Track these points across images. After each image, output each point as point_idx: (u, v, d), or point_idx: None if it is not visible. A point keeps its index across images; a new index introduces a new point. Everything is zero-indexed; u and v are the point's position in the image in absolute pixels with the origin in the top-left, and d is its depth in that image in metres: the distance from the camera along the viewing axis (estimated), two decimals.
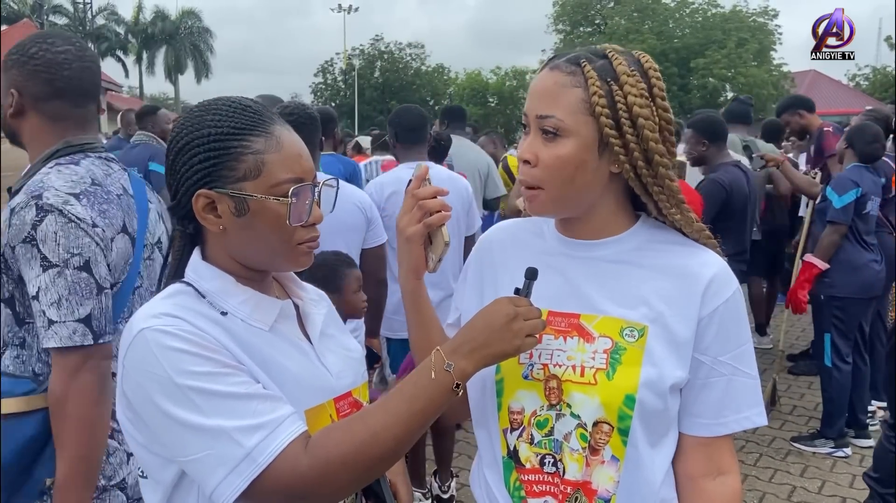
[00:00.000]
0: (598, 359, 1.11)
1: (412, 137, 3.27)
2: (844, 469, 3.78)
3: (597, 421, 1.10)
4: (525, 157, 1.12)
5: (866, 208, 3.84)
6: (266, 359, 1.06)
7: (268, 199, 1.04)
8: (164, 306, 1.04)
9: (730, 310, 1.13)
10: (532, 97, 1.12)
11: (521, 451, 1.16)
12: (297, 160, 1.07)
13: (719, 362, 1.13)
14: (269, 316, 1.11)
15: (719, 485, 1.15)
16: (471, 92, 42.22)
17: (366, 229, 2.86)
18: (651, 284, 1.14)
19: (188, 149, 1.06)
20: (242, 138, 1.05)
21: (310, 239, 1.10)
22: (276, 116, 1.10)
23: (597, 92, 1.07)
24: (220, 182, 1.05)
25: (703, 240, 1.17)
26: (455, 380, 1.01)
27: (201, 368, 0.97)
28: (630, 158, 1.09)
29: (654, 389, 1.09)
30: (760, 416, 1.15)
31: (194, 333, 1.00)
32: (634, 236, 1.18)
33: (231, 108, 1.07)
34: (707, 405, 1.14)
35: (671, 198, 1.13)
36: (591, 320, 1.14)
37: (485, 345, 1.03)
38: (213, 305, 1.07)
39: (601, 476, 1.11)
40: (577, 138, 1.08)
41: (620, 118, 1.07)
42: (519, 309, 1.05)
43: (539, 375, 1.14)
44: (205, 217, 1.07)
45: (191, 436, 0.96)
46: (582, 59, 1.10)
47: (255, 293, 1.11)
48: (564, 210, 1.16)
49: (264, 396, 0.99)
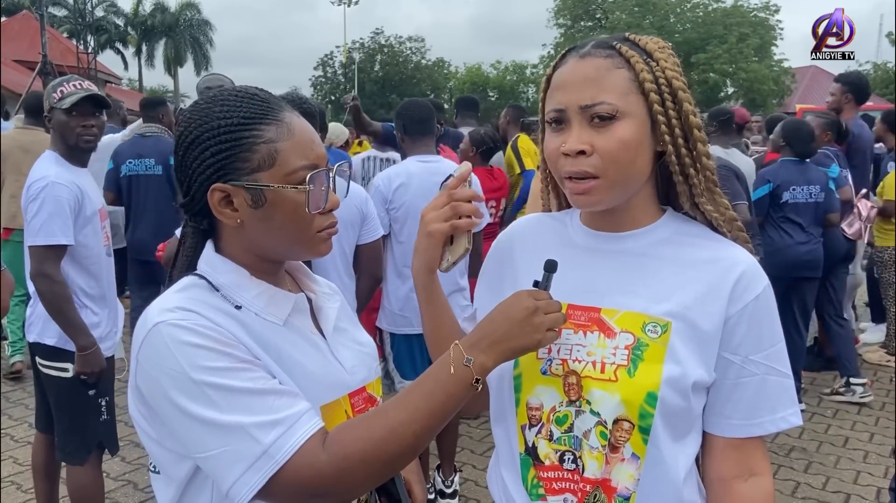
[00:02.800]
0: (619, 355, 1.09)
1: (420, 129, 3.25)
2: (848, 465, 3.77)
3: (617, 418, 1.08)
4: (579, 147, 1.05)
5: (783, 198, 4.35)
6: (281, 353, 1.05)
7: (285, 188, 1.02)
8: (178, 300, 1.02)
9: (760, 307, 1.10)
10: (568, 88, 1.07)
11: (540, 448, 1.14)
12: (310, 146, 1.05)
13: (751, 361, 1.10)
14: (283, 310, 1.09)
15: (751, 486, 1.13)
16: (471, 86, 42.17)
17: (361, 224, 2.84)
18: (676, 279, 1.11)
19: (198, 143, 1.03)
20: (253, 128, 1.02)
21: (328, 225, 1.08)
22: (284, 103, 1.08)
23: (643, 68, 1.05)
24: (235, 175, 1.02)
25: (734, 232, 1.14)
26: (475, 375, 0.99)
27: (217, 363, 0.95)
28: (672, 136, 1.07)
29: (676, 387, 1.06)
30: (796, 416, 1.13)
31: (209, 328, 0.98)
32: (660, 229, 1.15)
33: (238, 97, 1.05)
34: (740, 406, 1.11)
35: (707, 179, 1.11)
36: (612, 315, 1.12)
37: (504, 338, 1.01)
38: (227, 299, 1.05)
39: (621, 474, 1.09)
40: (633, 118, 1.05)
41: (664, 93, 1.06)
42: (539, 302, 1.03)
43: (558, 370, 1.12)
44: (221, 212, 1.05)
45: (207, 433, 0.94)
46: (613, 42, 1.08)
47: (270, 287, 1.09)
48: (618, 197, 1.11)
49: (281, 392, 0.98)
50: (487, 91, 43.73)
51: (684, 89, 1.08)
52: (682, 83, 1.08)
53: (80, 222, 2.64)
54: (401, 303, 3.16)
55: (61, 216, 2.55)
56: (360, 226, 2.85)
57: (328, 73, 44.32)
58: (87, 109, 2.67)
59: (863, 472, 3.70)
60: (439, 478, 3.45)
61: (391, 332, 3.24)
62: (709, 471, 1.15)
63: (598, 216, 1.18)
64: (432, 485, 3.42)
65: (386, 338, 3.27)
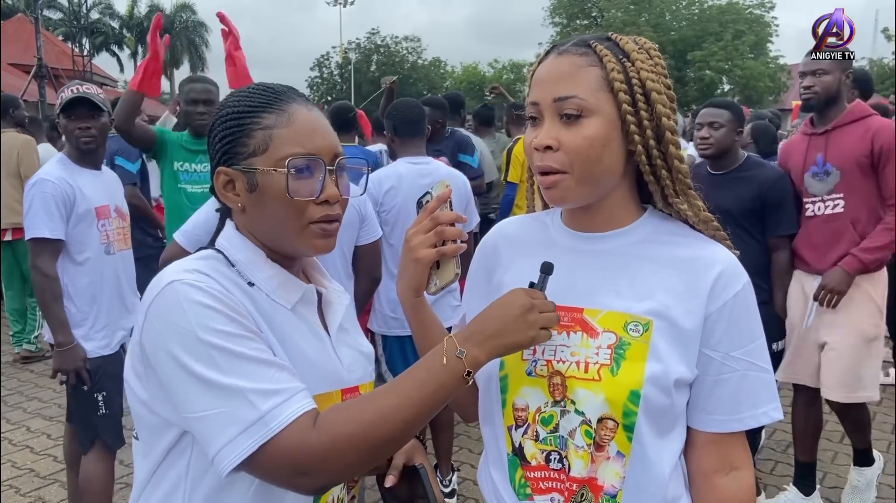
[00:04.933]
0: (601, 354, 1.10)
1: (411, 130, 3.24)
2: (845, 461, 3.78)
3: (601, 417, 1.09)
4: (546, 142, 1.08)
5: None
6: (285, 336, 1.07)
7: (268, 171, 1.05)
8: (196, 264, 1.05)
9: (739, 305, 1.11)
10: (543, 84, 1.10)
11: (527, 448, 1.14)
12: (310, 135, 1.07)
13: (731, 358, 1.11)
14: (293, 295, 1.12)
15: (732, 480, 1.14)
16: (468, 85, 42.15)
17: (359, 225, 2.84)
18: (657, 278, 1.12)
19: (213, 130, 1.11)
20: (255, 115, 1.07)
21: (323, 218, 1.08)
22: (301, 97, 1.11)
23: (614, 68, 1.07)
24: (235, 159, 1.08)
25: (710, 231, 1.16)
26: (466, 367, 1.00)
27: (226, 328, 0.97)
28: (643, 137, 1.08)
29: (659, 385, 1.08)
30: (777, 411, 1.14)
31: (223, 293, 1.01)
32: (640, 228, 1.16)
33: (253, 90, 1.11)
34: (721, 401, 1.12)
35: (679, 182, 1.12)
36: (594, 315, 1.12)
37: (499, 334, 1.02)
38: (242, 275, 1.08)
39: (607, 472, 1.10)
40: (601, 116, 1.07)
41: (636, 94, 1.07)
42: (535, 300, 1.04)
43: (543, 371, 1.12)
44: (225, 195, 1.10)
45: (205, 393, 0.95)
46: (591, 40, 1.10)
47: (283, 271, 1.12)
48: (588, 194, 1.12)
49: (282, 366, 1.00)
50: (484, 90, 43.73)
51: (659, 91, 1.08)
52: (657, 85, 1.09)
53: (72, 219, 2.71)
54: (392, 304, 3.15)
55: (46, 211, 2.65)
56: (358, 226, 2.85)
57: (324, 73, 44.31)
58: (82, 112, 2.76)
59: None
60: (437, 476, 3.45)
61: (383, 334, 3.24)
62: (690, 465, 1.16)
63: (578, 216, 1.19)
64: None
65: (378, 340, 3.27)
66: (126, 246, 3.00)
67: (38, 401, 4.68)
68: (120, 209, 2.97)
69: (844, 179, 2.99)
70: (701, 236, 1.16)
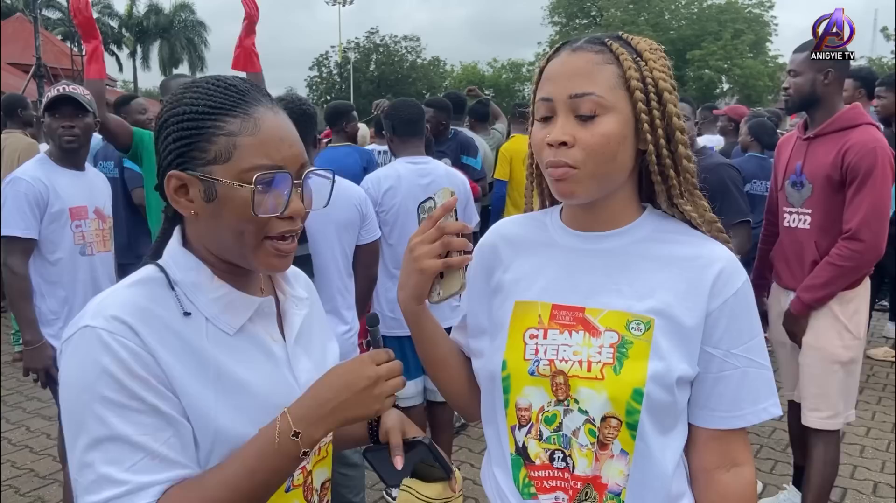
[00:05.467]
0: (604, 353, 1.10)
1: (409, 130, 3.24)
2: (845, 460, 3.77)
3: (605, 416, 1.09)
4: (562, 138, 1.06)
5: (752, 189, 4.79)
6: (221, 370, 0.99)
7: (233, 184, 0.96)
8: (124, 301, 0.98)
9: (739, 302, 1.12)
10: (557, 80, 1.09)
11: (530, 448, 1.14)
12: (277, 145, 0.98)
13: (732, 355, 1.11)
14: (238, 318, 1.04)
15: (733, 476, 1.15)
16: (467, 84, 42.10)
17: (360, 225, 2.83)
18: (658, 276, 1.12)
19: (164, 127, 1.01)
20: (217, 118, 0.97)
21: (284, 232, 1.01)
22: (267, 99, 1.02)
23: (631, 66, 1.07)
24: (192, 164, 0.98)
25: (713, 232, 1.16)
26: (302, 448, 0.96)
27: (113, 395, 0.92)
28: (654, 136, 1.08)
29: (661, 383, 1.08)
30: (776, 407, 1.15)
31: (130, 351, 0.93)
32: (641, 227, 1.16)
33: (212, 86, 1.00)
34: (723, 398, 1.13)
35: (685, 181, 1.12)
36: (596, 314, 1.12)
37: (340, 409, 0.98)
38: (180, 301, 1.00)
39: (611, 470, 1.10)
40: (618, 114, 1.07)
41: (649, 93, 1.08)
42: (381, 370, 1.01)
43: (545, 371, 1.12)
44: (177, 200, 1.01)
45: (70, 443, 0.95)
46: (605, 38, 1.10)
47: (231, 290, 1.04)
48: (597, 190, 1.11)
49: (154, 453, 0.93)
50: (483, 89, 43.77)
51: (671, 91, 1.09)
52: (669, 85, 1.10)
53: (45, 218, 2.72)
54: (391, 304, 3.15)
55: (19, 209, 2.66)
56: (359, 226, 2.84)
57: (323, 73, 44.29)
58: (67, 111, 2.76)
59: (859, 467, 3.71)
60: None
61: (382, 335, 3.23)
62: (692, 462, 1.17)
63: (578, 215, 1.19)
64: None
65: None
66: (106, 248, 2.95)
67: (37, 400, 4.68)
68: (100, 211, 2.93)
69: (815, 194, 2.76)
70: (700, 234, 1.16)
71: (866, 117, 2.76)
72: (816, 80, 2.76)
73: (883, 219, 2.63)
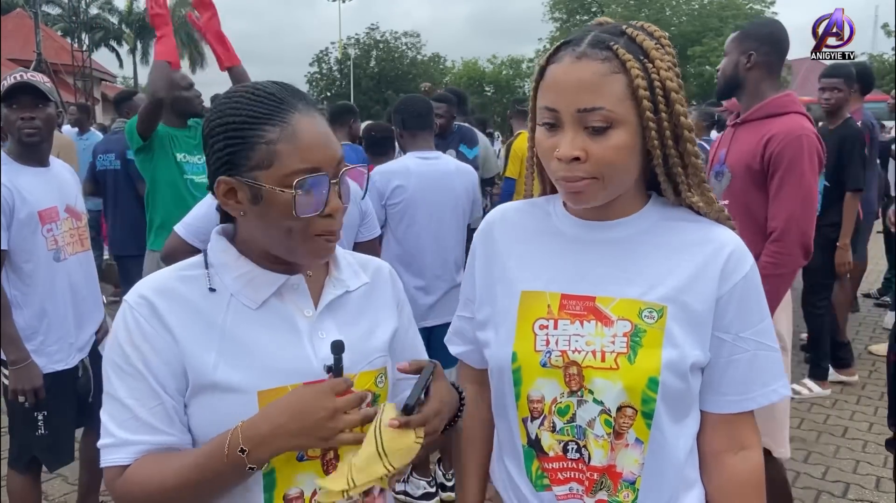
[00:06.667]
0: (618, 342, 1.10)
1: (419, 124, 3.25)
2: (848, 455, 3.79)
3: (620, 405, 1.09)
4: (574, 154, 1.04)
5: None
6: (226, 335, 1.09)
7: (275, 189, 1.04)
8: (161, 281, 1.13)
9: (748, 286, 1.12)
10: (563, 91, 1.05)
11: (544, 440, 1.14)
12: (314, 149, 1.06)
13: (741, 338, 1.12)
14: (261, 293, 1.12)
15: (741, 459, 1.15)
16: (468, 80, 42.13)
17: (359, 223, 2.84)
18: (667, 263, 1.12)
19: (211, 136, 1.10)
20: (258, 128, 1.05)
21: (326, 231, 1.09)
22: (301, 103, 1.08)
23: (638, 75, 1.03)
24: (238, 170, 1.07)
25: (720, 219, 1.16)
26: (248, 464, 1.00)
27: (118, 360, 1.08)
28: (662, 139, 1.07)
29: (675, 370, 1.08)
30: (785, 388, 1.15)
31: (142, 324, 1.08)
32: (647, 215, 1.16)
33: (252, 96, 1.08)
34: (734, 382, 1.13)
35: (693, 176, 1.12)
36: (607, 303, 1.12)
37: (291, 435, 1.00)
38: (210, 279, 1.13)
39: (626, 459, 1.11)
40: (628, 125, 1.04)
41: (657, 97, 1.05)
42: (339, 403, 1.01)
43: (558, 362, 1.12)
44: (226, 202, 1.10)
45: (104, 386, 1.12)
46: (609, 41, 1.05)
47: (253, 268, 1.13)
48: (610, 195, 1.11)
49: (137, 416, 1.07)
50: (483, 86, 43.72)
51: (677, 90, 1.06)
52: (676, 84, 1.07)
53: (14, 226, 2.43)
54: None
55: None
56: (358, 224, 2.85)
57: (324, 69, 44.25)
58: (26, 101, 2.48)
59: (862, 462, 3.71)
60: (440, 471, 3.46)
61: None
62: (700, 445, 1.17)
63: None
64: (433, 479, 3.42)
65: None
66: (82, 247, 2.68)
67: None
68: (72, 208, 2.64)
69: (733, 185, 2.54)
70: (706, 220, 1.15)
71: (797, 106, 2.54)
72: (739, 62, 2.59)
73: (810, 216, 2.41)
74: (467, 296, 1.31)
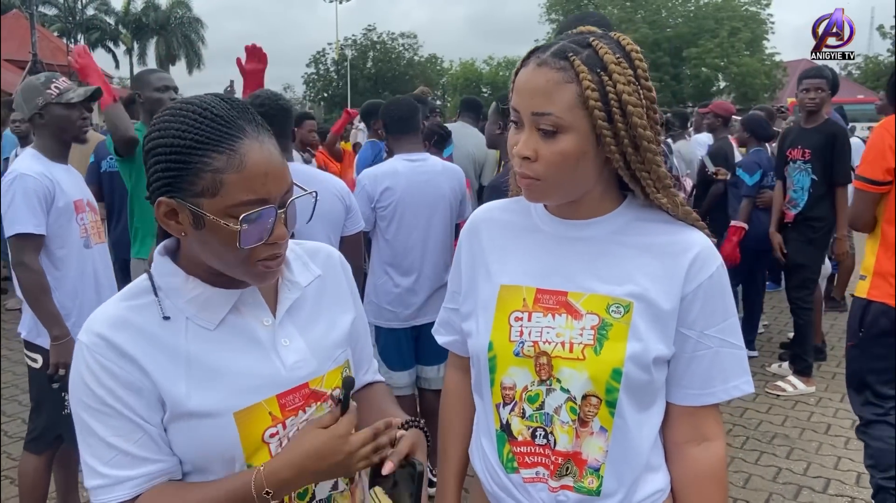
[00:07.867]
0: (585, 335, 1.15)
1: (404, 127, 3.27)
2: (830, 451, 3.84)
3: (585, 394, 1.15)
4: (525, 153, 1.12)
5: (763, 182, 5.07)
6: (192, 362, 1.08)
7: (219, 221, 1.01)
8: (106, 316, 1.09)
9: (714, 285, 1.17)
10: (523, 94, 1.12)
11: (514, 425, 1.20)
12: (262, 180, 1.01)
13: (706, 336, 1.17)
14: (217, 313, 1.10)
15: (703, 450, 1.21)
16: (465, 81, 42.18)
17: (344, 217, 2.88)
18: (636, 262, 1.18)
19: (152, 154, 1.05)
20: (204, 154, 1.00)
21: (270, 257, 1.07)
22: (250, 126, 1.03)
23: (589, 86, 1.07)
24: (181, 194, 1.03)
25: (690, 221, 1.20)
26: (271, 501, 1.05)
27: (90, 402, 1.06)
28: (620, 147, 1.11)
29: (638, 363, 1.13)
30: (748, 384, 1.20)
31: (104, 365, 1.05)
32: (621, 216, 1.21)
33: (200, 118, 1.02)
34: (695, 376, 1.19)
35: (658, 182, 1.16)
36: (578, 298, 1.18)
37: (313, 475, 1.08)
38: (161, 305, 1.10)
39: (590, 446, 1.16)
40: (576, 132, 1.09)
41: (612, 108, 1.08)
42: (355, 444, 1.08)
43: (530, 352, 1.18)
44: (167, 223, 1.06)
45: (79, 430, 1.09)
46: (569, 52, 1.09)
47: (205, 289, 1.10)
48: (563, 196, 1.18)
49: (125, 452, 1.06)
50: (480, 87, 43.78)
51: (636, 104, 1.10)
52: (633, 98, 1.09)
53: (53, 213, 2.69)
54: (389, 297, 3.19)
55: (29, 206, 2.62)
56: (344, 218, 2.88)
57: (320, 70, 44.27)
58: (86, 103, 2.80)
59: (843, 458, 3.76)
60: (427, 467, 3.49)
61: (377, 325, 3.28)
62: (666, 436, 1.23)
63: (560, 205, 1.23)
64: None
65: (371, 330, 3.29)
66: (101, 240, 2.95)
67: None
68: (91, 203, 2.93)
69: None
70: (677, 222, 1.20)
71: None
72: None
73: None
74: (453, 289, 1.37)
